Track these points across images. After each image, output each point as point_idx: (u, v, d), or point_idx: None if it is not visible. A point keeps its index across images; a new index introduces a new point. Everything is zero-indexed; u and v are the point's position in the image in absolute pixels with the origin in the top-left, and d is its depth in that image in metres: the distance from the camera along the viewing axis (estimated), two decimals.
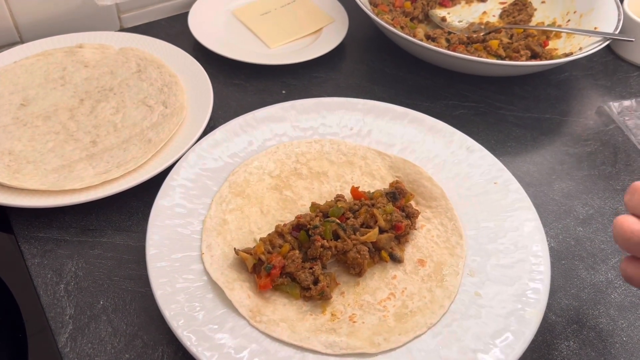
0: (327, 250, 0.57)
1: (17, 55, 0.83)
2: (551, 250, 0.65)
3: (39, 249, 0.62)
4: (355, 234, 0.59)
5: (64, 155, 0.69)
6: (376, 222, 0.59)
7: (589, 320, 0.59)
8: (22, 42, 0.90)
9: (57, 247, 0.63)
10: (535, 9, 0.99)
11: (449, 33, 0.92)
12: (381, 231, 0.59)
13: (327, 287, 0.55)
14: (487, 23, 0.97)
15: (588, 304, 0.61)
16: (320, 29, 0.94)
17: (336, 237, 0.58)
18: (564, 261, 0.65)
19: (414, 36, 0.88)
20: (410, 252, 0.61)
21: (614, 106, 0.84)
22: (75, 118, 0.74)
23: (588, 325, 0.59)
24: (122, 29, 0.97)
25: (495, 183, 0.66)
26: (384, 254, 0.59)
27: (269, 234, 0.58)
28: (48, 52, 0.84)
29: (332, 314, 0.55)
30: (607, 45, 0.95)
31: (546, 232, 0.62)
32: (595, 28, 0.89)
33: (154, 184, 0.64)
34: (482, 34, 0.92)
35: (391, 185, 0.64)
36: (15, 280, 0.60)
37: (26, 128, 0.72)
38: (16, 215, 0.65)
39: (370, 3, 0.94)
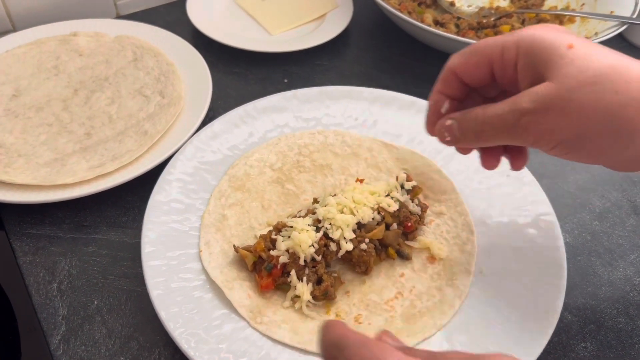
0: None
1: (9, 44, 0.80)
2: (566, 245, 0.61)
3: (31, 246, 0.60)
4: (360, 230, 0.56)
5: (56, 148, 0.66)
6: (383, 217, 0.56)
7: (607, 320, 0.56)
8: (14, 30, 0.87)
9: (50, 244, 0.60)
10: None
11: (458, 18, 0.89)
12: (388, 227, 0.56)
13: (331, 286, 0.52)
14: (498, 8, 0.93)
15: (606, 302, 0.58)
16: (324, 14, 0.91)
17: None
18: (580, 257, 0.62)
19: (422, 21, 0.84)
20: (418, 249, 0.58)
21: None
22: (69, 109, 0.71)
23: (606, 326, 0.56)
24: (119, 17, 0.93)
25: (507, 175, 0.62)
26: (391, 250, 0.56)
27: (269, 230, 0.55)
28: (41, 40, 0.81)
29: (336, 315, 0.52)
30: (620, 33, 0.91)
31: (561, 227, 0.59)
32: (611, 12, 0.85)
33: (150, 178, 0.61)
34: (492, 19, 0.88)
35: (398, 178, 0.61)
36: (6, 280, 0.57)
37: (18, 120, 0.69)
38: (7, 211, 0.62)
39: None
